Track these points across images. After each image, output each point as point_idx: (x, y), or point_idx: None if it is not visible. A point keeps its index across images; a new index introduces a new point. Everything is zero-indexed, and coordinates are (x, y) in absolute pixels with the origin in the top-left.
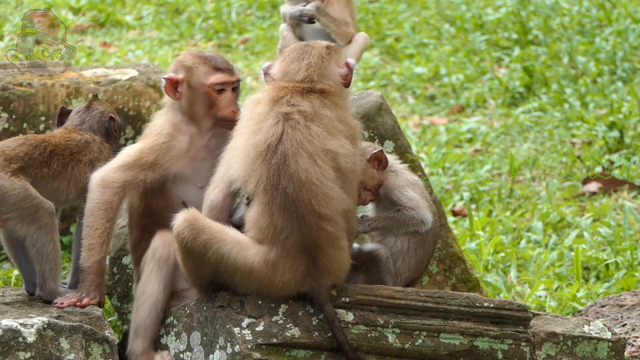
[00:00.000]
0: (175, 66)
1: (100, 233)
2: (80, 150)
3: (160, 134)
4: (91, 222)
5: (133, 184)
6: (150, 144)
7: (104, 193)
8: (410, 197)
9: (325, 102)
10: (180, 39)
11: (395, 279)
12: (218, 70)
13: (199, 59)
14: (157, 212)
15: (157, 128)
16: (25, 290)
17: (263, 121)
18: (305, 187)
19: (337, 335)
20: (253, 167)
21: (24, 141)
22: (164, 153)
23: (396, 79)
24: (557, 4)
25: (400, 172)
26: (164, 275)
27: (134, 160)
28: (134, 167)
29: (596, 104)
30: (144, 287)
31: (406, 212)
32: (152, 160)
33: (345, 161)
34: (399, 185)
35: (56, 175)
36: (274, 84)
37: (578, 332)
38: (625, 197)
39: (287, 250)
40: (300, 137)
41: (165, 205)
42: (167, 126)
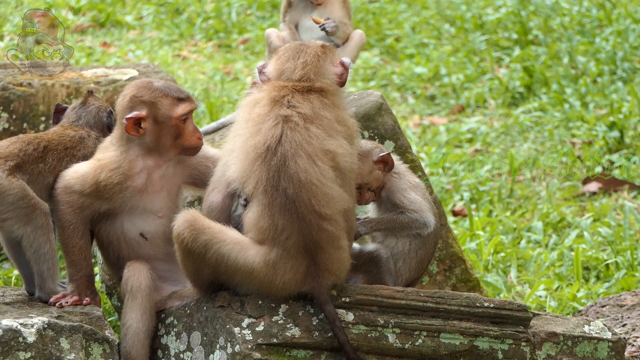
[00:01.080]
0: (131, 102)
1: (78, 249)
2: (74, 146)
3: (115, 171)
4: (65, 238)
5: (91, 208)
6: (104, 181)
7: (67, 212)
8: (413, 200)
9: (324, 101)
10: (180, 39)
11: (395, 280)
12: (181, 101)
13: (158, 92)
14: (113, 242)
15: (113, 162)
16: (25, 290)
17: (262, 123)
18: (305, 187)
19: (338, 335)
20: (252, 168)
21: (16, 139)
22: (118, 192)
23: (396, 79)
24: (557, 4)
25: (402, 175)
26: (140, 304)
27: (89, 190)
28: (90, 195)
29: (596, 104)
30: (124, 318)
31: (409, 215)
32: (107, 196)
33: (344, 161)
34: (402, 188)
35: (52, 170)
36: (273, 84)
37: (578, 332)
38: (625, 197)
39: (288, 251)
40: (299, 139)
41: (121, 236)
42: (124, 163)
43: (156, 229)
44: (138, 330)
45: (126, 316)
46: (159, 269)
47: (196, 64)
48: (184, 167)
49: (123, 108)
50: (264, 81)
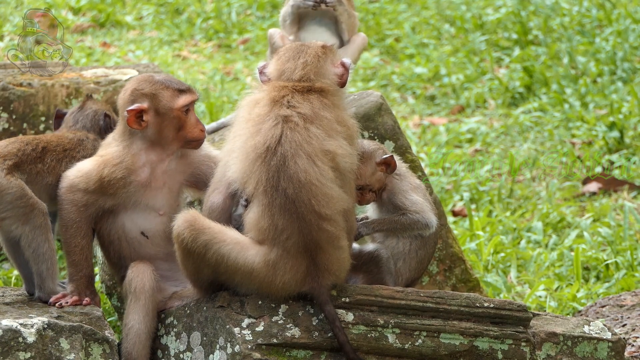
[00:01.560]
0: (132, 95)
1: (80, 250)
2: (73, 147)
3: (118, 165)
4: (67, 238)
5: (95, 205)
6: (108, 176)
7: (71, 212)
8: (415, 201)
9: (324, 102)
10: (180, 39)
11: (396, 280)
12: (182, 92)
13: (158, 84)
14: (114, 242)
15: (116, 157)
16: (25, 290)
17: (262, 123)
18: (305, 187)
19: (338, 335)
20: (252, 168)
21: (15, 139)
22: (122, 187)
23: (396, 79)
24: (557, 4)
25: (404, 176)
26: (143, 305)
27: (94, 187)
28: (95, 192)
29: (596, 104)
30: (126, 319)
31: (411, 216)
32: (111, 192)
33: (344, 161)
34: (403, 189)
35: (50, 171)
36: (273, 84)
37: (578, 332)
38: (625, 197)
39: (288, 251)
40: (299, 139)
41: (123, 235)
42: (126, 157)
43: (157, 227)
44: (140, 332)
45: (128, 317)
46: (160, 269)
47: (196, 64)
48: (187, 164)
49: (124, 102)
50: (265, 81)
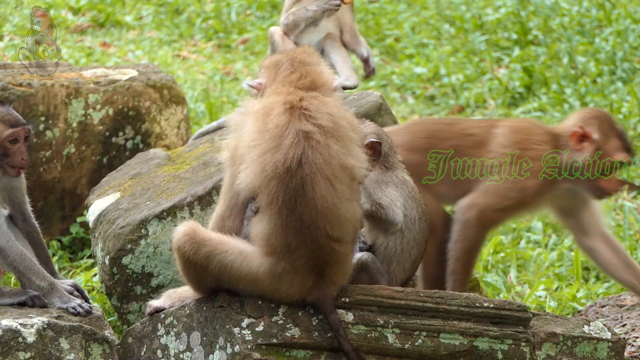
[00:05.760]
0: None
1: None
2: None
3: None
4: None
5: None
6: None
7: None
8: (386, 194)
9: (336, 105)
10: (180, 39)
11: (390, 281)
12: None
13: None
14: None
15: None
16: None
17: (281, 137)
18: (321, 214)
19: (343, 344)
20: (268, 185)
21: None
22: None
23: (396, 79)
24: (557, 4)
25: (392, 169)
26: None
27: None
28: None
29: (596, 104)
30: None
31: (374, 208)
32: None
33: (360, 171)
34: (383, 180)
35: None
36: (279, 89)
37: (578, 332)
38: (625, 197)
39: (296, 268)
40: (320, 161)
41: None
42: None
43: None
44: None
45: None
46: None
47: (196, 64)
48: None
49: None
50: (261, 89)
